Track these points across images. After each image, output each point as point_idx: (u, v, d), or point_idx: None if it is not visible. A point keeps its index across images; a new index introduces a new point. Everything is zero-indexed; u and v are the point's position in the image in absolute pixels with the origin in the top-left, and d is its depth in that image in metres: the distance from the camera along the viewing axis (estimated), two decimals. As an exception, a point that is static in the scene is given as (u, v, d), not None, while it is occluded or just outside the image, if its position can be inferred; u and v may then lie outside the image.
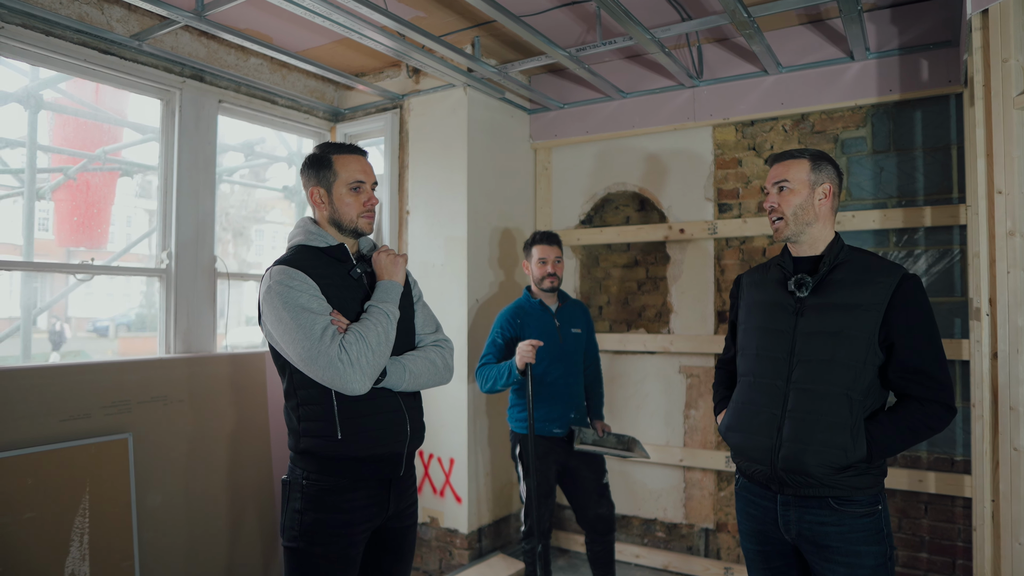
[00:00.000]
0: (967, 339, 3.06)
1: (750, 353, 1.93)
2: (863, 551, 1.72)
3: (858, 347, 1.75)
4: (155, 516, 2.99)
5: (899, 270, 1.78)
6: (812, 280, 1.82)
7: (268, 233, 13.17)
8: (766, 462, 1.80)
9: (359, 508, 1.80)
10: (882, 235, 3.32)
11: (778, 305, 1.87)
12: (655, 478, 3.93)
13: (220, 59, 3.48)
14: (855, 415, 1.74)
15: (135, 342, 11.39)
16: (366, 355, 1.70)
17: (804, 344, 1.80)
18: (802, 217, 1.84)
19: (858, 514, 1.74)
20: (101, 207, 4.96)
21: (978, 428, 2.72)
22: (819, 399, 1.76)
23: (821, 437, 1.73)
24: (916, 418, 1.74)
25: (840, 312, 1.77)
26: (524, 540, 3.07)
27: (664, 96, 3.87)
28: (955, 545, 3.15)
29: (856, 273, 1.80)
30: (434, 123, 3.86)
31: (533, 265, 3.13)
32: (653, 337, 3.91)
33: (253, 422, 3.44)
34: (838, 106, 3.40)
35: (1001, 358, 2.25)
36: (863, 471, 1.74)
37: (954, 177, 3.18)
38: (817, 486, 1.74)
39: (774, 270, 1.95)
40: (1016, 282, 2.20)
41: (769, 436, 1.80)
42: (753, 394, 1.88)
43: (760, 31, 3.01)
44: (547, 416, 3.02)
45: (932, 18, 3.15)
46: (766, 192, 1.92)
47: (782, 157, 1.91)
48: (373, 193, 1.92)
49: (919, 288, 1.77)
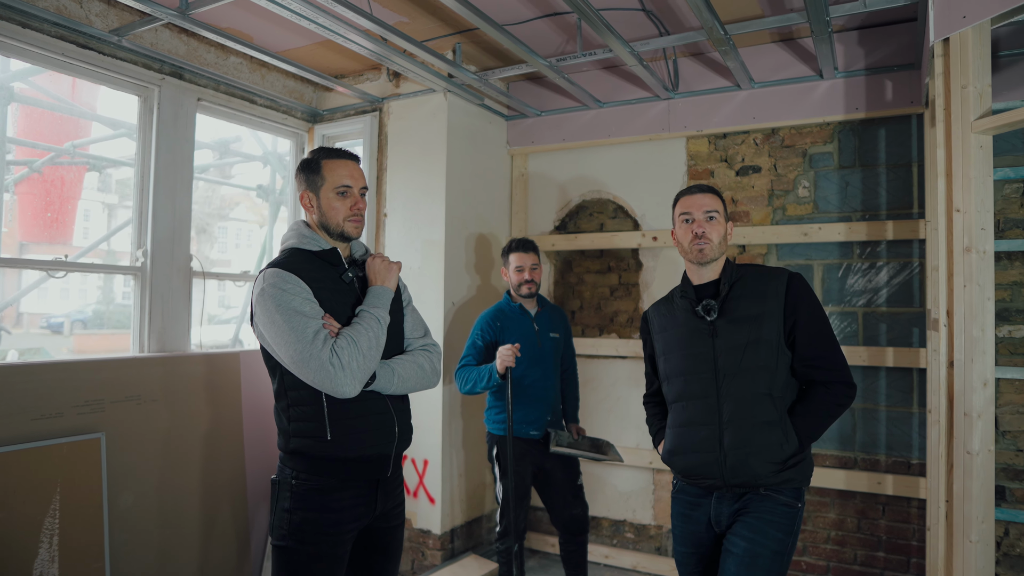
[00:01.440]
0: (924, 348, 3.21)
1: (677, 379, 2.05)
2: (770, 533, 1.86)
3: (770, 351, 1.93)
4: (127, 517, 2.95)
5: (784, 273, 1.99)
6: (716, 303, 1.99)
7: (232, 230, 12.98)
8: (716, 475, 1.92)
9: (348, 507, 1.83)
10: (846, 247, 3.46)
11: (693, 331, 2.02)
12: (625, 480, 4.02)
13: (200, 57, 3.46)
14: (780, 412, 1.92)
15: (91, 339, 11.09)
16: (357, 359, 1.74)
17: (725, 359, 1.95)
18: (720, 246, 2.04)
19: (780, 502, 1.90)
20: (67, 202, 4.85)
21: (934, 433, 2.86)
22: (749, 405, 1.91)
23: (759, 439, 1.89)
24: (825, 399, 1.93)
25: (748, 324, 1.95)
26: (499, 540, 3.12)
27: (640, 107, 3.96)
28: (910, 544, 3.30)
29: (752, 286, 2.00)
30: (414, 127, 3.89)
31: (511, 272, 3.19)
32: (625, 342, 4.00)
33: (227, 422, 3.42)
34: (807, 122, 3.53)
35: (957, 366, 2.38)
36: (796, 463, 1.90)
37: (915, 193, 3.33)
38: (761, 483, 1.89)
39: (679, 301, 2.10)
40: (972, 295, 2.33)
41: (713, 450, 1.92)
42: (689, 415, 2.00)
43: (735, 48, 3.12)
44: (524, 418, 3.08)
45: (897, 41, 3.30)
46: (689, 219, 2.05)
47: (703, 190, 2.09)
48: (361, 198, 1.95)
49: (805, 284, 1.98)
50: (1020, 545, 3.08)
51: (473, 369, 3.04)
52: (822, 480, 3.43)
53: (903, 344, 3.32)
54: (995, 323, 2.41)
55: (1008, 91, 3.08)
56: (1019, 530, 3.08)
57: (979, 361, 2.32)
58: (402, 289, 2.09)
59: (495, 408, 3.16)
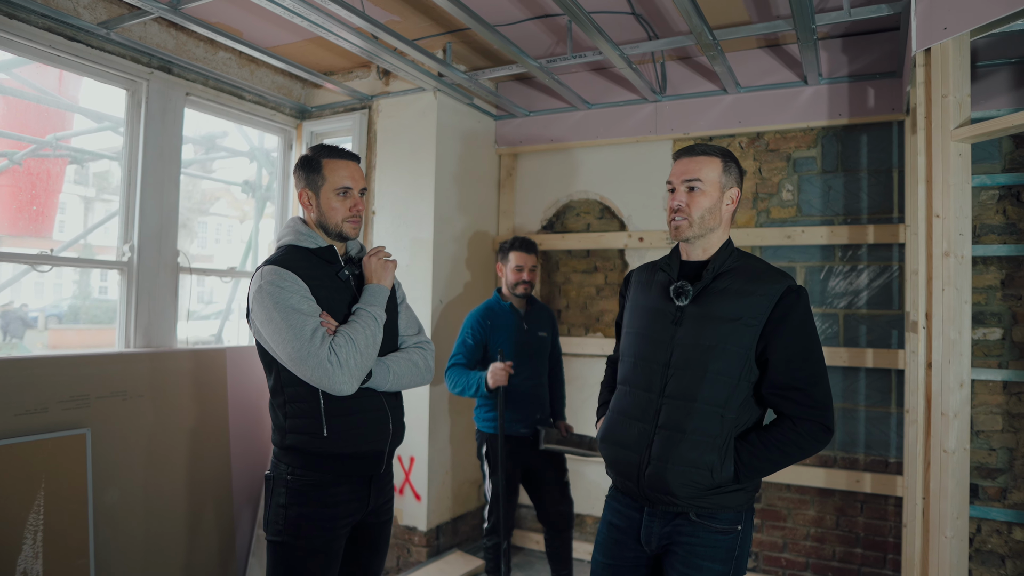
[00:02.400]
0: (902, 349, 3.29)
1: (628, 360, 1.83)
2: (704, 566, 1.65)
3: (734, 362, 1.66)
4: (112, 513, 2.94)
5: (784, 281, 1.68)
6: (693, 289, 1.72)
7: (212, 225, 12.85)
8: (633, 478, 1.72)
9: (342, 503, 1.85)
10: (828, 250, 3.53)
11: (659, 312, 1.77)
12: (608, 478, 4.05)
13: (189, 51, 3.44)
14: (725, 433, 1.66)
15: (67, 334, 10.93)
16: (354, 357, 1.76)
17: (679, 355, 1.70)
18: (707, 222, 1.73)
19: (714, 529, 1.67)
20: (48, 195, 4.79)
21: (911, 432, 2.94)
22: (690, 415, 1.66)
23: (688, 456, 1.64)
24: (788, 438, 1.65)
25: (718, 324, 1.68)
26: (487, 537, 3.15)
27: (628, 109, 4.01)
28: (887, 541, 3.38)
29: (741, 283, 1.70)
30: (403, 125, 3.90)
31: (509, 270, 3.21)
32: (611, 341, 4.04)
33: (213, 419, 3.41)
34: (791, 127, 3.60)
35: (935, 368, 2.45)
36: (734, 490, 1.67)
37: (895, 198, 3.41)
38: (683, 505, 1.67)
39: (660, 272, 1.84)
40: (950, 299, 2.40)
41: (638, 452, 1.71)
42: (627, 405, 1.79)
43: (723, 53, 3.17)
44: (513, 416, 3.11)
45: (879, 50, 3.37)
46: (671, 188, 1.77)
47: (693, 152, 1.77)
48: (360, 199, 1.97)
49: (801, 302, 1.67)
50: (991, 541, 3.17)
51: (464, 372, 3.06)
52: (802, 478, 3.50)
53: (882, 345, 3.40)
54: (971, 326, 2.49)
55: (985, 100, 3.16)
56: (990, 527, 3.17)
57: (956, 362, 2.39)
58: (396, 287, 2.11)
59: (484, 406, 3.18)
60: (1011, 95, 3.15)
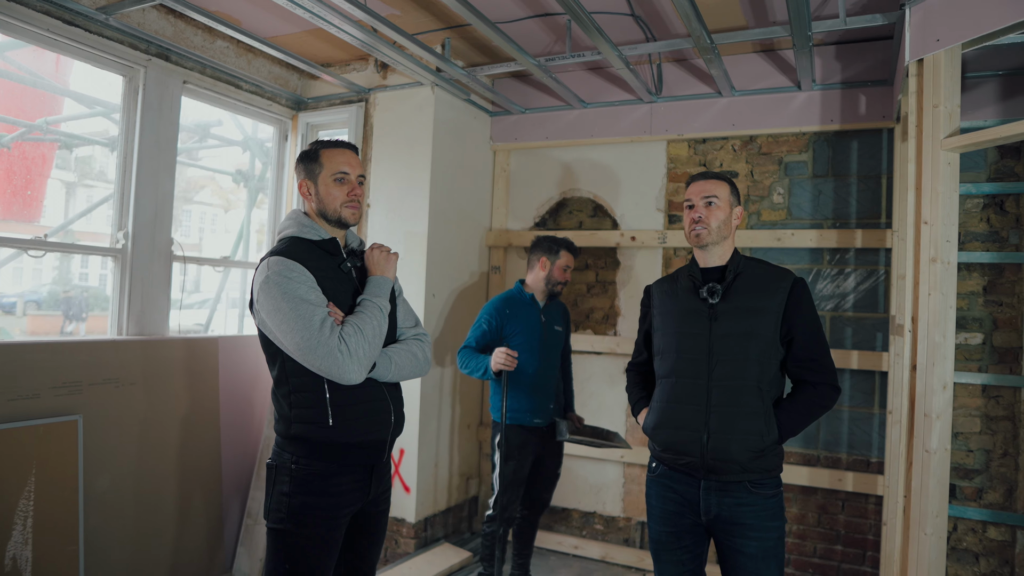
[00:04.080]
0: (887, 352, 3.37)
1: (670, 356, 2.11)
2: (770, 526, 1.99)
3: (765, 344, 2.00)
4: (103, 500, 2.94)
5: (790, 276, 2.06)
6: (721, 288, 2.04)
7: (196, 214, 12.72)
8: (696, 454, 1.99)
9: (345, 492, 1.87)
10: (817, 253, 3.60)
11: (693, 311, 2.08)
12: (596, 473, 4.12)
13: (187, 39, 3.43)
14: (765, 403, 2.00)
15: (46, 321, 10.78)
16: (363, 347, 1.78)
17: (720, 345, 2.01)
18: (722, 231, 2.07)
19: (767, 495, 1.99)
20: (36, 179, 4.74)
21: (894, 432, 3.01)
22: (737, 393, 1.99)
23: (742, 426, 1.97)
24: (813, 400, 2.03)
25: (747, 315, 2.01)
26: (487, 523, 3.22)
27: (623, 109, 4.05)
28: (866, 538, 3.47)
29: (755, 280, 2.06)
30: (400, 119, 3.91)
31: (556, 268, 3.26)
32: (600, 338, 4.09)
33: (204, 407, 3.42)
34: (784, 131, 3.66)
35: (920, 370, 2.52)
36: (773, 452, 2.01)
37: (883, 204, 3.48)
38: (739, 471, 1.97)
39: (684, 280, 2.15)
40: (936, 303, 2.47)
41: (697, 431, 1.99)
42: (677, 393, 2.06)
43: (720, 56, 3.22)
44: (527, 407, 3.19)
45: (872, 58, 3.44)
46: (690, 205, 2.11)
47: (707, 176, 2.13)
48: (358, 185, 1.99)
49: (807, 290, 2.05)
50: (966, 540, 3.27)
51: (474, 355, 3.15)
52: (786, 476, 3.56)
53: (867, 348, 3.48)
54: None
55: (972, 111, 3.24)
56: (966, 526, 3.27)
57: (940, 365, 2.46)
58: (395, 280, 2.13)
59: (499, 396, 3.25)
60: (998, 106, 3.23)
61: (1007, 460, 3.21)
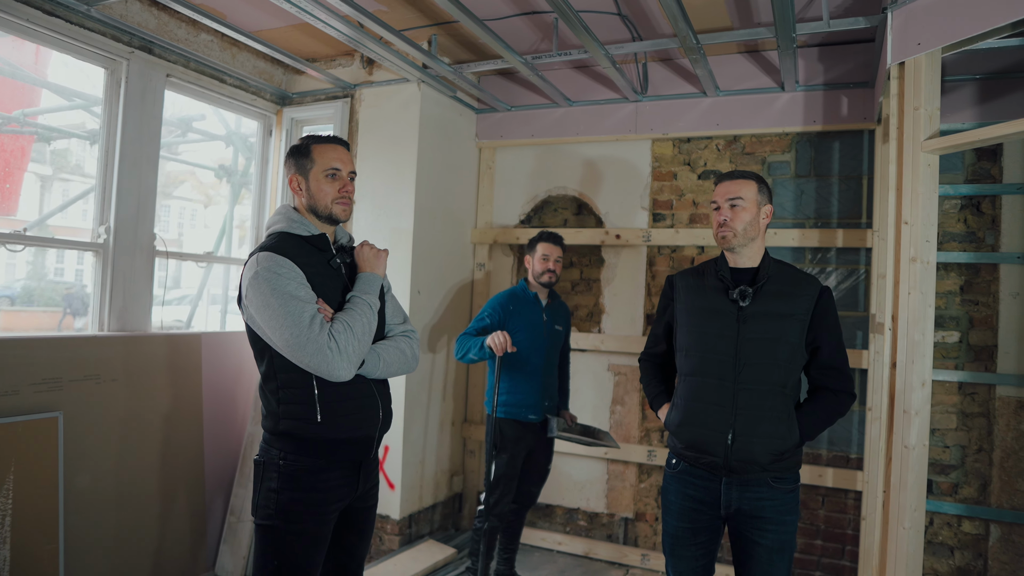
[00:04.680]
0: (867, 350, 3.43)
1: (695, 354, 2.11)
2: (788, 520, 2.04)
3: (790, 350, 2.03)
4: (83, 498, 2.90)
5: (817, 283, 2.08)
6: (751, 291, 2.04)
7: (175, 209, 12.56)
8: (720, 454, 2.03)
9: (334, 488, 1.87)
10: (799, 252, 3.65)
11: (721, 312, 2.08)
12: (580, 470, 4.14)
13: (170, 32, 3.39)
14: (788, 408, 2.04)
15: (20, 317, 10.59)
16: (352, 344, 1.78)
17: (748, 348, 2.03)
18: (749, 232, 2.07)
19: (787, 489, 2.05)
20: (14, 172, 4.66)
21: (874, 428, 3.07)
22: (762, 396, 2.02)
23: (766, 429, 2.00)
24: (832, 406, 2.07)
25: (775, 320, 2.03)
26: (478, 518, 3.25)
27: (608, 107, 4.07)
28: (845, 533, 3.53)
29: (783, 285, 2.06)
30: (386, 115, 3.90)
31: (536, 260, 3.30)
32: (585, 336, 4.11)
33: (187, 404, 3.38)
34: (767, 131, 3.70)
35: (899, 367, 2.57)
36: (793, 453, 2.06)
37: (864, 204, 3.54)
38: (759, 471, 2.02)
39: (711, 278, 2.13)
40: (915, 302, 2.52)
41: (722, 432, 2.02)
42: (703, 393, 2.08)
43: (705, 56, 3.24)
44: (523, 402, 3.21)
45: (854, 60, 3.49)
46: (716, 207, 2.11)
47: (733, 176, 2.11)
48: (349, 181, 1.98)
49: (832, 299, 2.09)
50: (942, 534, 3.34)
51: (468, 338, 3.19)
52: (767, 472, 3.62)
53: (848, 346, 3.52)
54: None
55: (951, 114, 3.31)
56: (942, 520, 3.34)
57: (919, 363, 2.51)
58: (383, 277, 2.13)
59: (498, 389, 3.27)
60: (975, 109, 3.30)
61: (982, 456, 3.28)
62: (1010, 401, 3.21)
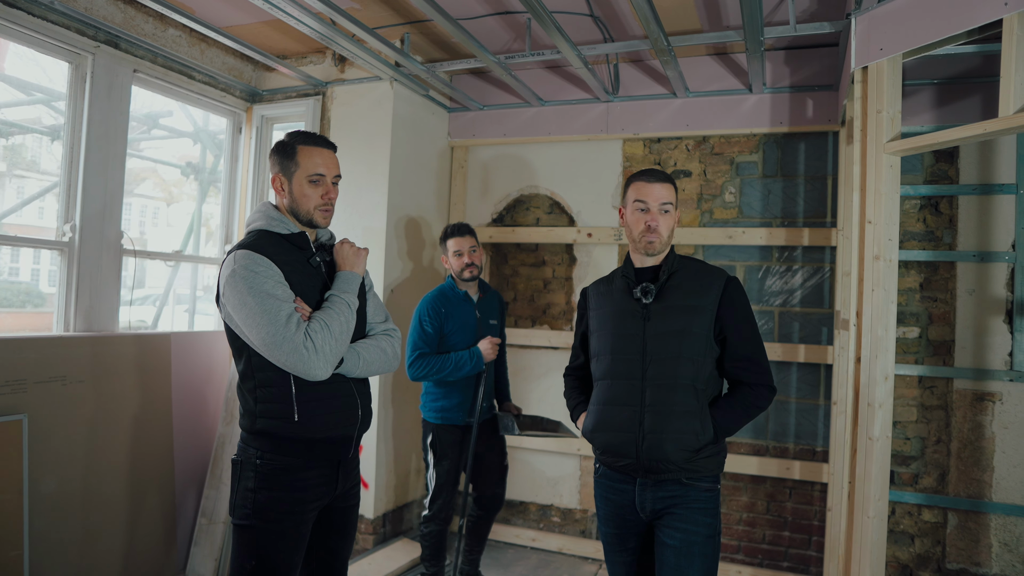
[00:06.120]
0: (831, 346, 3.53)
1: (605, 357, 2.07)
2: (699, 520, 1.95)
3: (699, 343, 1.97)
4: (49, 502, 2.84)
5: (723, 274, 2.04)
6: (655, 288, 2.01)
7: (137, 207, 12.28)
8: (632, 455, 1.96)
9: (311, 487, 1.86)
10: (767, 251, 3.74)
11: (627, 312, 2.04)
12: (553, 466, 4.18)
13: (137, 27, 3.32)
14: (701, 402, 1.96)
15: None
16: (330, 343, 1.78)
17: (654, 344, 1.98)
18: (669, 239, 2.05)
19: (701, 488, 1.97)
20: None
21: (839, 422, 3.16)
22: (671, 391, 1.95)
23: (676, 425, 1.93)
24: (748, 400, 2.00)
25: (680, 313, 1.98)
26: (424, 524, 3.17)
27: (580, 107, 4.11)
28: (812, 524, 3.63)
29: (688, 279, 2.03)
30: (358, 114, 3.88)
31: (451, 258, 3.19)
32: (557, 333, 4.15)
33: (156, 405, 3.33)
34: (736, 132, 3.78)
35: (863, 362, 2.65)
36: (711, 453, 1.97)
37: (828, 204, 3.64)
38: (675, 470, 1.94)
39: (618, 280, 2.11)
40: (879, 299, 2.61)
41: (632, 431, 1.96)
42: (613, 394, 2.03)
43: (676, 58, 3.30)
44: (461, 405, 3.13)
45: (819, 64, 3.59)
46: (644, 208, 2.02)
47: (660, 177, 2.05)
48: (333, 187, 1.96)
49: (740, 289, 2.04)
50: (903, 522, 3.45)
51: (440, 357, 3.04)
52: (737, 466, 3.70)
53: (813, 342, 3.63)
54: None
55: (910, 117, 3.42)
56: (903, 509, 3.45)
57: (882, 357, 2.60)
58: (365, 275, 2.12)
59: (431, 394, 3.18)
60: (933, 113, 3.42)
61: (940, 447, 3.40)
62: (967, 394, 3.34)
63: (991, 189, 3.33)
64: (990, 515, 3.28)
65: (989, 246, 3.32)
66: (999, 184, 3.32)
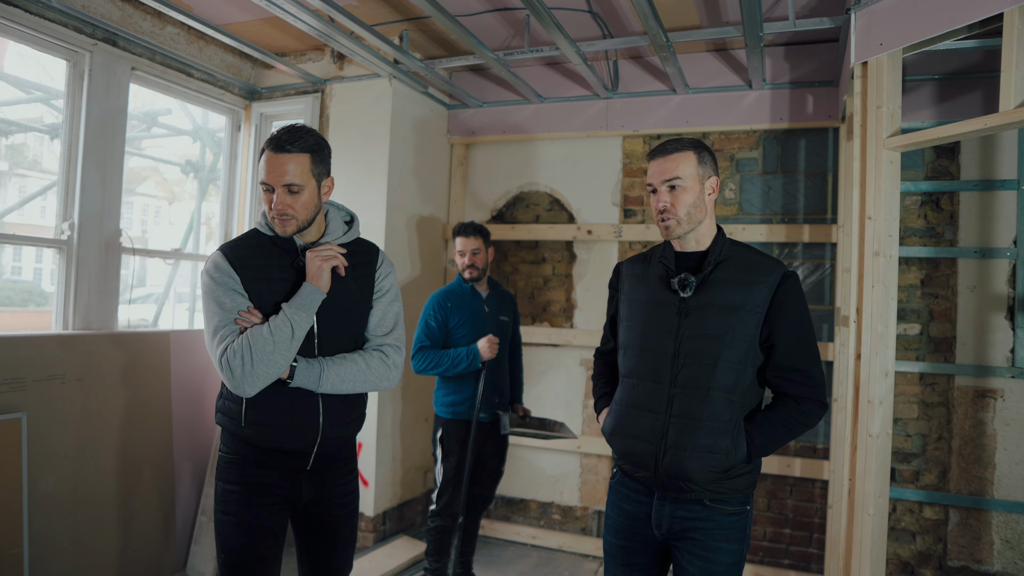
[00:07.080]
0: (832, 343, 3.51)
1: (633, 353, 1.84)
2: (723, 548, 1.73)
3: (741, 349, 1.71)
4: (48, 500, 2.84)
5: (779, 268, 1.75)
6: (695, 280, 1.75)
7: (138, 206, 12.29)
8: (650, 468, 1.75)
9: (266, 484, 1.86)
10: (767, 247, 3.73)
11: (662, 304, 1.79)
12: (554, 464, 4.17)
13: (135, 24, 3.32)
14: (735, 416, 1.72)
15: (-23, 317, 10.31)
16: (247, 365, 1.70)
17: (689, 346, 1.74)
18: (695, 216, 1.76)
19: (727, 512, 1.74)
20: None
21: (840, 419, 3.15)
22: (702, 403, 1.71)
23: (704, 443, 1.70)
24: (792, 416, 1.74)
25: (723, 314, 1.72)
26: (431, 518, 3.18)
27: (580, 104, 4.10)
28: (813, 521, 3.62)
29: (738, 272, 1.75)
30: (357, 111, 3.87)
31: (456, 257, 3.24)
32: (557, 331, 4.15)
33: (156, 402, 3.33)
34: (735, 128, 3.77)
35: (864, 359, 2.64)
36: (742, 472, 1.74)
37: (829, 200, 3.63)
38: (698, 491, 1.72)
39: (656, 265, 1.85)
40: (879, 295, 2.59)
41: (652, 442, 1.75)
42: (637, 397, 1.81)
43: (675, 54, 3.29)
44: (470, 400, 3.13)
45: (819, 59, 3.57)
46: (652, 189, 1.79)
47: (667, 150, 1.78)
48: (283, 196, 1.76)
49: (797, 286, 1.75)
50: (904, 520, 3.44)
51: (439, 352, 3.07)
52: (737, 463, 3.69)
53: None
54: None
55: (911, 113, 3.40)
56: (904, 506, 3.44)
57: (882, 354, 2.59)
58: (379, 279, 1.98)
59: (443, 390, 3.19)
60: (934, 108, 3.40)
61: (941, 444, 3.39)
62: (968, 391, 3.32)
63: (992, 185, 3.31)
64: (992, 512, 3.27)
65: (990, 242, 3.31)
66: (1000, 180, 3.30)
